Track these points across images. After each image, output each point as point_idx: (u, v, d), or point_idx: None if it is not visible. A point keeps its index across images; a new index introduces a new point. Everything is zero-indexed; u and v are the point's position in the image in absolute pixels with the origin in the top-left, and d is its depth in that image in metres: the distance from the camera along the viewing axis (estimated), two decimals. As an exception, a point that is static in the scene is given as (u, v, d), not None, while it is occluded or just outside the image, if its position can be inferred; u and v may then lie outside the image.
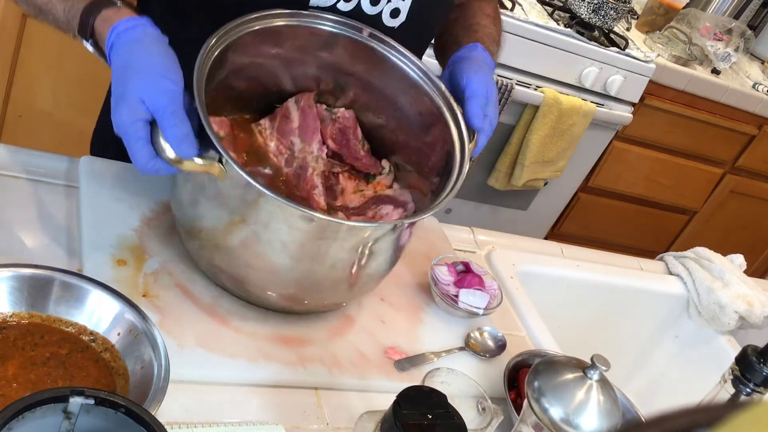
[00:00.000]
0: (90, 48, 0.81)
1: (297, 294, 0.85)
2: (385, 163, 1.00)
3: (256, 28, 0.87)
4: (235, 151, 0.90)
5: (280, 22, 0.90)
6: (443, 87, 0.94)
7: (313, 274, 0.82)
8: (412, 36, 1.03)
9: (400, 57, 0.96)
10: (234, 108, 0.95)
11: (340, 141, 0.99)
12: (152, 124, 0.73)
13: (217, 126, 0.90)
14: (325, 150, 0.97)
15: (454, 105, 0.93)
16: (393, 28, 1.00)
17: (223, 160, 0.74)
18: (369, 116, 0.99)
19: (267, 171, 0.92)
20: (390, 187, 0.99)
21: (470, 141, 0.91)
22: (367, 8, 0.97)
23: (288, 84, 0.97)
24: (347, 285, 0.86)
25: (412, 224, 0.84)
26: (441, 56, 1.10)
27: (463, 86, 0.94)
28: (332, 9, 0.95)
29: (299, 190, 0.92)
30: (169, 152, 0.72)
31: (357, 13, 0.97)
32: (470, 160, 0.91)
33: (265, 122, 0.95)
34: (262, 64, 0.93)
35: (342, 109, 0.98)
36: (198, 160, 0.73)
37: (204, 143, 0.74)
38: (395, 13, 1.00)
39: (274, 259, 0.80)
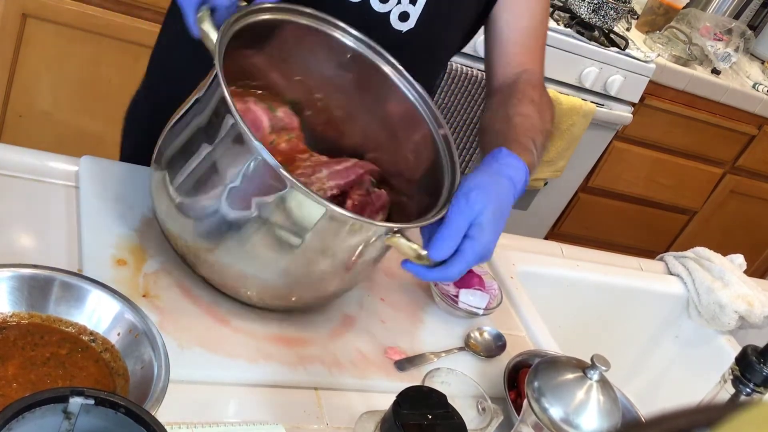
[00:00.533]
0: None
1: (285, 291, 0.85)
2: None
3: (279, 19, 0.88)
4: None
5: (303, 20, 0.91)
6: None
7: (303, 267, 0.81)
8: (421, 45, 1.02)
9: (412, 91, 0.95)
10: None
11: (359, 208, 0.93)
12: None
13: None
14: (336, 193, 0.93)
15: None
16: (401, 32, 0.99)
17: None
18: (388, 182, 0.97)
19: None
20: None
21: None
22: (376, 4, 0.97)
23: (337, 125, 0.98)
24: (339, 276, 0.85)
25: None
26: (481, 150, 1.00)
27: (457, 193, 0.83)
28: (340, 1, 0.95)
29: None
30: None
31: (365, 8, 0.96)
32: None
33: (316, 157, 0.96)
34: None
35: (380, 190, 0.95)
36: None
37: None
38: (404, 16, 0.99)
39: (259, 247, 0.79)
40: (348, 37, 0.93)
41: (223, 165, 0.77)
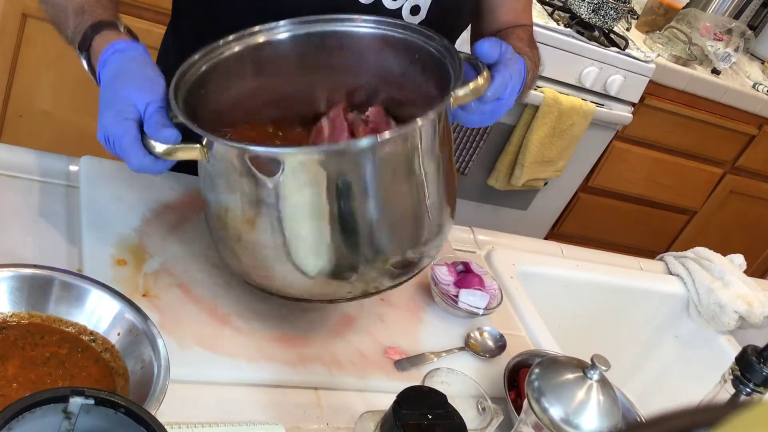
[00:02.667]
0: (84, 63, 0.85)
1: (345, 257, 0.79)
2: None
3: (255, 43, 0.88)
4: None
5: (281, 35, 0.90)
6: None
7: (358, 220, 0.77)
8: None
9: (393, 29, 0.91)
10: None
11: None
12: (140, 126, 0.75)
13: (254, 133, 0.91)
14: None
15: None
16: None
17: (204, 141, 0.75)
18: (401, 108, 0.95)
19: None
20: None
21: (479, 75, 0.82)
22: (387, 2, 0.98)
23: (322, 106, 0.96)
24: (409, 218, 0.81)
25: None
26: None
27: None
28: (353, 2, 0.95)
29: None
30: (158, 147, 0.73)
31: (377, 7, 0.97)
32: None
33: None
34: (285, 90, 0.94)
35: (371, 109, 0.96)
36: (181, 146, 0.75)
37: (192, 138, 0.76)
38: (415, 10, 1.00)
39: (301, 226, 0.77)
40: (281, 29, 0.92)
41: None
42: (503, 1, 1.11)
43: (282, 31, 0.91)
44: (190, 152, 0.75)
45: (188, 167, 0.95)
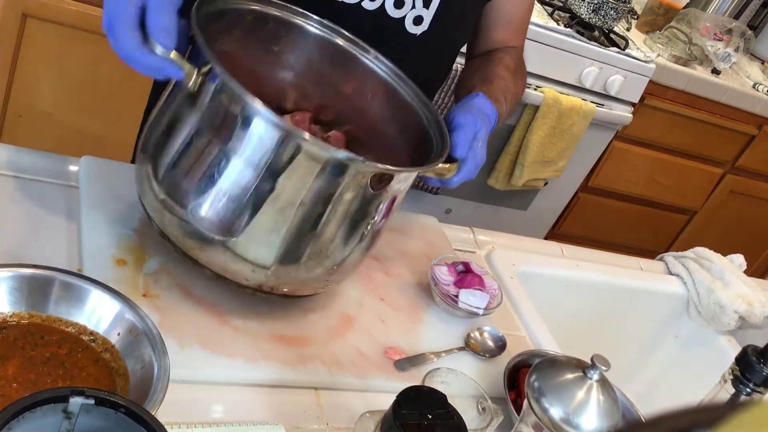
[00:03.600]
0: None
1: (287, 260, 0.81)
2: None
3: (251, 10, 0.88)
4: None
5: (273, 11, 0.91)
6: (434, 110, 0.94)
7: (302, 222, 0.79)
8: (434, 47, 1.04)
9: (388, 73, 0.95)
10: None
11: None
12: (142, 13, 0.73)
13: None
14: None
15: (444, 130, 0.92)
16: (415, 35, 1.01)
17: (202, 69, 0.74)
18: (359, 149, 0.98)
19: None
20: None
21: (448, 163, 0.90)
22: (391, 11, 0.99)
23: (290, 102, 0.97)
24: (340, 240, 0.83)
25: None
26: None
27: (450, 121, 0.92)
28: (357, 7, 0.96)
29: None
30: (155, 46, 0.72)
31: (381, 15, 0.98)
32: (434, 189, 0.90)
33: None
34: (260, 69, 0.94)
35: (334, 131, 0.96)
36: (178, 57, 0.73)
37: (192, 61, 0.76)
38: (418, 20, 1.00)
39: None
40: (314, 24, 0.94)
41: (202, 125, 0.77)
42: (497, 23, 1.13)
43: (317, 25, 0.93)
44: (185, 70, 0.74)
45: None
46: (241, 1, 0.87)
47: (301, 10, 0.92)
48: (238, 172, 0.76)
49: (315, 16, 0.93)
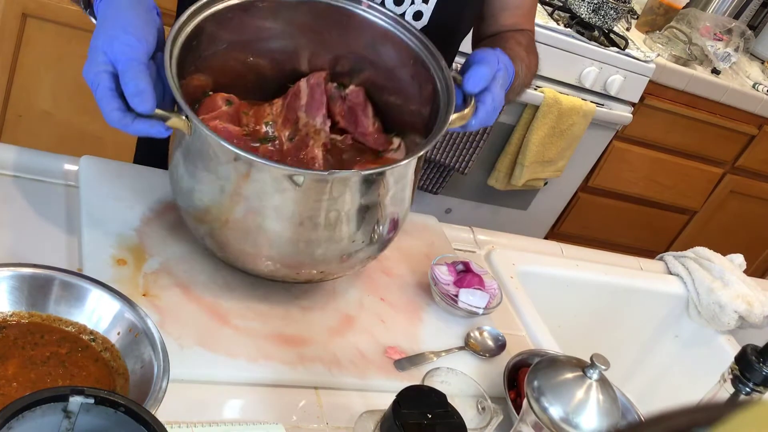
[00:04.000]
0: (92, 19, 0.82)
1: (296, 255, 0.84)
2: (395, 139, 0.97)
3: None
4: (238, 125, 0.91)
5: None
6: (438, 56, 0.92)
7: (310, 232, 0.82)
8: (435, 41, 1.04)
9: (395, 25, 0.94)
10: (256, 94, 0.96)
11: (349, 119, 0.97)
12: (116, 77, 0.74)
13: (222, 101, 0.91)
14: (329, 123, 0.95)
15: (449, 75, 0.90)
16: None
17: (188, 116, 0.75)
18: (381, 95, 0.97)
19: (269, 146, 0.92)
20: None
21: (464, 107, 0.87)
22: (391, 7, 0.99)
23: (304, 66, 0.98)
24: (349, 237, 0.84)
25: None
26: None
27: (471, 57, 0.89)
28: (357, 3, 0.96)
29: (299, 162, 0.92)
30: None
31: None
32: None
33: (278, 101, 0.96)
34: (270, 42, 0.95)
35: (352, 87, 0.97)
36: (163, 113, 0.74)
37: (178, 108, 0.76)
38: (418, 15, 1.01)
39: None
40: None
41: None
42: (506, 6, 1.12)
43: None
44: (175, 121, 0.75)
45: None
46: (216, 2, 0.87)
47: None
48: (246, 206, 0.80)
49: None
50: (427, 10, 1.00)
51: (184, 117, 0.75)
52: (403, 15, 1.00)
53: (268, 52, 0.96)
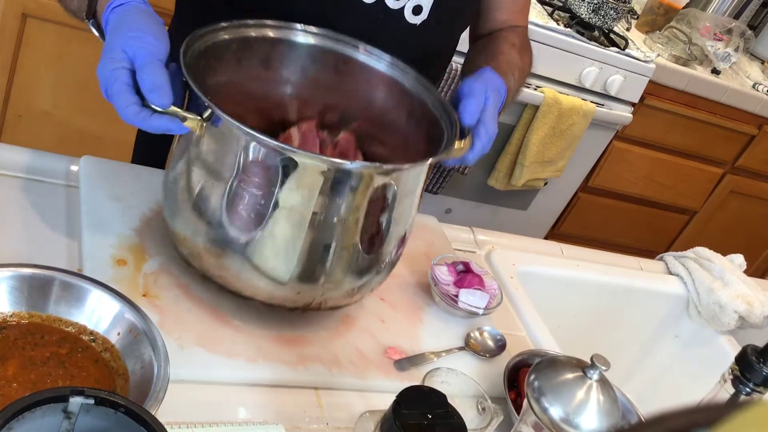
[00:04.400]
0: (93, 30, 0.83)
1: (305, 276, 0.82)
2: None
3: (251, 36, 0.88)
4: None
5: (270, 33, 0.91)
6: (440, 96, 0.93)
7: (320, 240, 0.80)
8: (435, 36, 1.04)
9: (395, 68, 0.95)
10: None
11: None
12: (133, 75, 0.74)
13: None
14: None
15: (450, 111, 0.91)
16: (415, 25, 1.01)
17: (205, 114, 0.75)
18: (369, 144, 0.98)
19: None
20: None
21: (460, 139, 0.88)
22: (390, 2, 0.99)
23: (293, 115, 0.98)
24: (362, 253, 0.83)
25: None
26: None
27: (459, 90, 0.91)
28: (356, 1, 0.96)
29: None
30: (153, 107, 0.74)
31: (380, 6, 0.98)
32: (461, 169, 0.89)
33: None
34: (261, 88, 0.94)
35: (342, 133, 0.97)
36: (178, 111, 0.74)
37: (192, 106, 0.77)
38: (417, 10, 1.00)
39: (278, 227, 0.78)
40: (309, 36, 0.93)
41: (219, 161, 0.78)
42: (500, 4, 1.13)
43: (301, 34, 0.93)
44: (189, 121, 0.75)
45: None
46: (221, 30, 0.87)
47: (282, 23, 0.91)
48: (255, 202, 0.77)
49: (298, 25, 0.92)
50: (427, 3, 1.00)
51: (198, 117, 0.75)
52: (402, 9, 1.00)
53: (259, 96, 0.96)
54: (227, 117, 0.73)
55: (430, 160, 0.81)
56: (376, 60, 0.95)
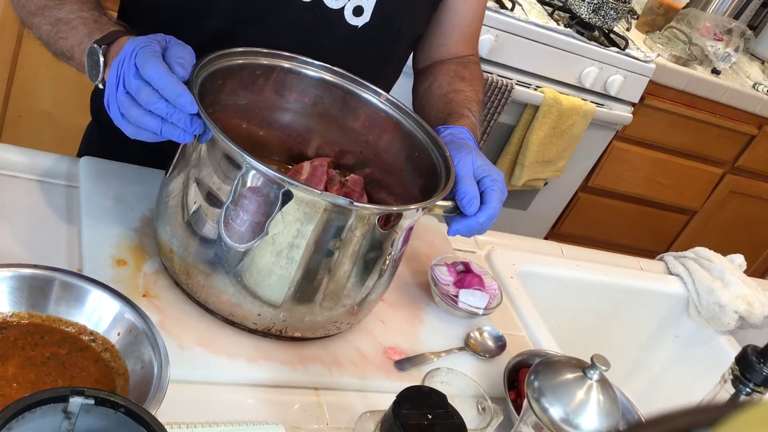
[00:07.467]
0: (100, 86, 0.84)
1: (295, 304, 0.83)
2: None
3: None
4: None
5: (285, 64, 0.92)
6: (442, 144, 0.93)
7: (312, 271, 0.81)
8: (379, 39, 1.02)
9: (408, 120, 0.95)
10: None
11: None
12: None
13: None
14: None
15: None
16: (356, 27, 0.99)
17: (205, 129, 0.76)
18: (377, 191, 0.99)
19: None
20: None
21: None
22: (329, 2, 0.96)
23: (311, 151, 1.00)
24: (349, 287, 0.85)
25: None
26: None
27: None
28: (291, 2, 0.94)
29: None
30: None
31: (317, 5, 0.95)
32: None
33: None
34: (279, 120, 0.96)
35: (351, 175, 0.97)
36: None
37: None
38: (358, 11, 0.98)
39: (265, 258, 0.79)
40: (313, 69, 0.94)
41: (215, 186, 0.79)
42: (455, 25, 1.12)
43: (312, 68, 0.94)
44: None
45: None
46: (235, 57, 0.87)
47: (289, 54, 0.92)
48: (249, 223, 0.78)
49: (304, 57, 0.92)
50: (369, 5, 0.97)
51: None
52: (342, 9, 0.97)
53: (279, 124, 0.97)
54: (225, 139, 0.74)
55: (414, 207, 0.82)
56: (378, 99, 0.95)
